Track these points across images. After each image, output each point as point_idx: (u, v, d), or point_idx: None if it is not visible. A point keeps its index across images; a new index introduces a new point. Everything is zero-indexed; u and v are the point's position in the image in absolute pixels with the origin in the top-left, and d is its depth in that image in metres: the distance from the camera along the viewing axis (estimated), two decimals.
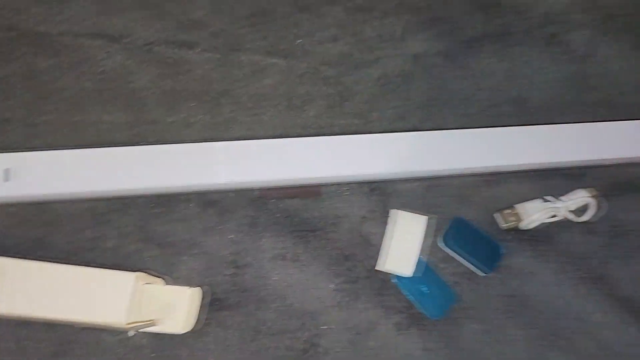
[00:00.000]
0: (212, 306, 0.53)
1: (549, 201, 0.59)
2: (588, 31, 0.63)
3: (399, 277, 0.55)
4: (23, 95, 0.55)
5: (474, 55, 0.61)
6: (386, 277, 0.55)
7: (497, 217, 0.59)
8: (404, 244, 0.56)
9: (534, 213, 0.58)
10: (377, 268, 0.55)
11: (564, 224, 0.59)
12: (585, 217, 0.60)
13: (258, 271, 0.54)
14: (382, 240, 0.56)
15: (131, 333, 0.51)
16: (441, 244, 0.57)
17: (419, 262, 0.56)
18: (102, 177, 0.53)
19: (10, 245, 0.52)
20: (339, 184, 0.57)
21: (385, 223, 0.56)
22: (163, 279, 0.51)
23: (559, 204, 0.58)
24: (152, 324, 0.50)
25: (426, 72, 0.60)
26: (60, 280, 0.48)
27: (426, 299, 0.55)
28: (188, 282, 0.52)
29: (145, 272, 0.50)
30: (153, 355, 0.51)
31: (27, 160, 0.52)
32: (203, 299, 0.52)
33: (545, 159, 0.60)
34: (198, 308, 0.52)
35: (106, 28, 0.58)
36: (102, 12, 0.58)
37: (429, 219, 0.57)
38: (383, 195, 0.57)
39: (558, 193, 0.60)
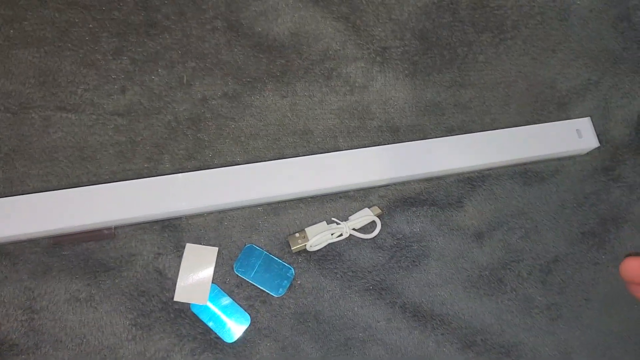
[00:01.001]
0: (9, 352, 0.62)
1: (334, 222, 0.71)
2: (364, 63, 0.76)
3: (195, 306, 0.66)
4: None
5: (258, 94, 0.73)
6: (183, 306, 0.66)
7: (289, 241, 0.70)
8: (197, 275, 0.67)
9: (319, 234, 0.70)
10: (175, 299, 0.65)
11: (354, 242, 0.71)
12: (371, 234, 0.72)
13: (54, 314, 0.64)
14: (177, 273, 0.66)
15: None
16: (235, 271, 0.68)
17: (213, 290, 0.67)
18: None
19: None
20: (132, 225, 0.67)
21: (180, 257, 0.67)
22: None
23: (342, 224, 0.71)
24: None
25: (214, 114, 0.72)
26: None
27: (222, 324, 0.66)
28: None
29: None
30: None
31: None
32: None
33: (329, 184, 0.72)
34: None
35: None
36: None
37: (220, 249, 0.68)
38: (176, 231, 0.68)
39: (347, 214, 0.72)
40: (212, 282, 0.66)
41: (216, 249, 0.67)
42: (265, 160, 0.71)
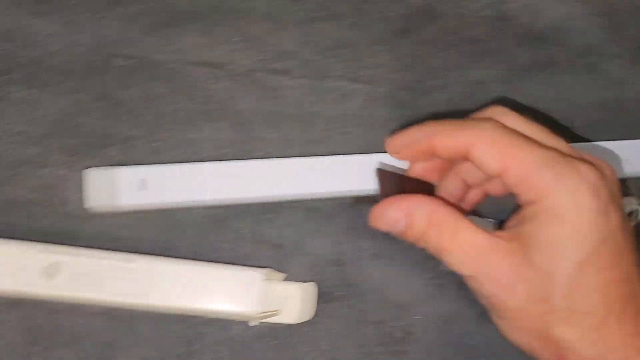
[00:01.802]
0: (320, 299, 0.73)
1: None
2: (622, 61, 0.88)
3: None
4: (143, 116, 0.76)
5: (525, 82, 0.85)
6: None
7: None
8: None
9: None
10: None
11: None
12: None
13: (359, 268, 0.75)
14: None
15: (252, 323, 0.71)
16: None
17: None
18: (219, 188, 0.73)
19: (143, 248, 0.71)
20: None
21: None
22: (284, 274, 0.72)
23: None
24: (275, 315, 0.70)
25: (486, 96, 0.83)
26: (196, 276, 0.68)
27: None
28: (298, 279, 0.73)
29: (269, 269, 0.71)
30: (273, 342, 0.71)
31: (160, 172, 0.72)
32: (314, 292, 0.72)
33: None
34: (312, 301, 0.72)
35: (211, 57, 0.79)
36: (207, 43, 0.80)
37: (494, 222, 0.79)
38: None
39: None
40: None
41: (494, 221, 0.77)
42: None
